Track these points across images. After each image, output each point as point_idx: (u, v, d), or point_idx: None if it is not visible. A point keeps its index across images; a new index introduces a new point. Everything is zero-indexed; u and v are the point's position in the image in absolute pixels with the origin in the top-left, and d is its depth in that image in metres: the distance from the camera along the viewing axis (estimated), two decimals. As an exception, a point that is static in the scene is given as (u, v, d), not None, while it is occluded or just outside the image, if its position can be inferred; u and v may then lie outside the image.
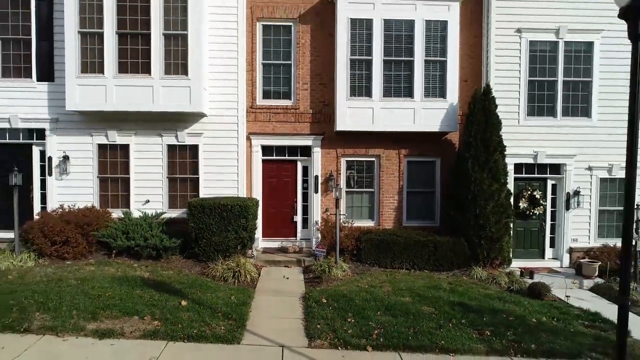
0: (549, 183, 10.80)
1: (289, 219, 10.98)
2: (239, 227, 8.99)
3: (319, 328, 6.14)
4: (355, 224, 10.45)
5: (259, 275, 8.69)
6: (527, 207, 10.54)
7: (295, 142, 10.71)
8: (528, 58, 10.43)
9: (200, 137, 10.21)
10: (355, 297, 7.36)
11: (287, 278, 8.69)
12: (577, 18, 10.24)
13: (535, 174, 10.68)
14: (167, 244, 8.96)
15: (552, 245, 10.89)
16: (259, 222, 10.45)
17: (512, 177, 10.35)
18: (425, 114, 10.20)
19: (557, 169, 10.69)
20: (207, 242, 9.00)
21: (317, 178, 10.71)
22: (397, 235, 9.78)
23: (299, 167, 10.93)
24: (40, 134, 10.06)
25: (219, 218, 8.93)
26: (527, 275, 9.59)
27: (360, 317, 6.55)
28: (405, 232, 10.10)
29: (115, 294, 6.84)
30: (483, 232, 9.44)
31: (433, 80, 10.22)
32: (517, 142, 10.36)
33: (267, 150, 10.78)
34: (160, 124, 10.08)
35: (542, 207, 10.57)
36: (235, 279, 8.13)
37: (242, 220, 8.99)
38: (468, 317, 6.78)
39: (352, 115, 10.16)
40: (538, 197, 10.52)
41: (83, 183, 10.06)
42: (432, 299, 7.49)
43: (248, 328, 6.10)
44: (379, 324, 6.31)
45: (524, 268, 9.97)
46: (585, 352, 5.85)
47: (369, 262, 9.59)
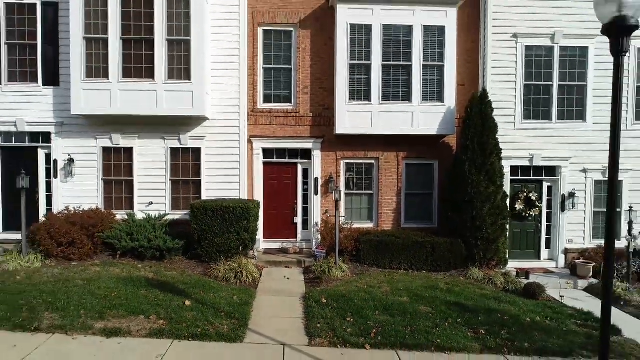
0: (545, 185, 11.01)
1: (290, 221, 11.17)
2: (241, 228, 9.18)
3: (319, 327, 6.33)
4: (355, 226, 10.64)
5: (261, 276, 8.89)
6: (523, 208, 10.74)
7: (296, 144, 10.91)
8: (524, 63, 10.62)
9: (203, 140, 10.41)
10: (355, 297, 7.55)
11: (287, 278, 8.88)
12: (572, 24, 10.43)
13: (531, 176, 10.88)
14: (170, 245, 9.16)
15: (547, 246, 11.09)
16: (260, 223, 10.64)
17: (508, 179, 10.56)
18: (423, 118, 10.40)
19: (552, 172, 10.89)
20: (209, 243, 9.19)
21: (317, 180, 10.91)
22: (395, 237, 9.97)
23: (300, 169, 11.13)
24: (46, 137, 10.27)
25: (221, 220, 9.12)
26: (522, 276, 9.78)
27: (359, 316, 6.73)
28: (404, 233, 10.29)
29: (121, 294, 7.03)
30: (480, 233, 9.63)
31: (431, 85, 10.42)
32: (513, 145, 10.56)
33: (268, 153, 10.98)
34: (164, 128, 10.28)
35: (538, 208, 10.77)
36: (237, 280, 8.32)
37: (243, 222, 9.18)
38: (464, 316, 6.97)
39: (351, 119, 10.36)
40: (534, 199, 10.72)
41: (88, 185, 10.27)
42: (429, 299, 7.68)
43: (250, 327, 6.30)
44: (377, 323, 6.49)
45: (520, 268, 10.16)
46: (577, 350, 6.04)
47: (368, 262, 9.78)
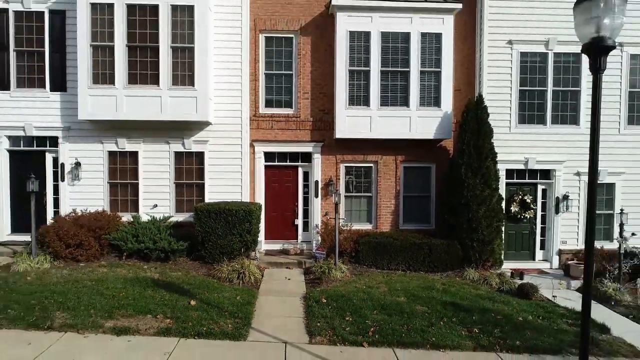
0: (539, 188, 11.27)
1: (291, 222, 11.44)
2: (243, 230, 9.46)
3: (319, 326, 6.60)
4: (354, 227, 10.90)
5: (262, 277, 9.15)
6: (518, 211, 11.00)
7: (297, 148, 11.18)
8: (519, 68, 10.89)
9: (206, 144, 10.68)
10: (353, 297, 7.81)
11: (288, 279, 9.15)
12: (565, 30, 10.67)
13: (526, 179, 11.15)
14: (175, 247, 9.43)
15: (542, 248, 11.36)
16: (262, 225, 10.90)
17: (503, 182, 10.82)
18: (421, 122, 10.67)
19: (547, 175, 11.16)
20: (213, 244, 9.46)
21: (317, 183, 11.18)
22: (393, 238, 10.23)
23: (300, 172, 11.40)
24: (53, 142, 10.55)
25: (224, 222, 9.39)
26: (517, 277, 10.04)
27: (358, 315, 7.00)
28: (402, 234, 10.54)
29: (129, 294, 7.31)
30: (475, 235, 9.90)
31: (428, 90, 10.69)
32: (508, 148, 10.82)
33: (269, 157, 11.25)
34: (168, 132, 10.55)
35: (532, 211, 11.04)
36: (240, 280, 8.57)
37: (246, 224, 9.46)
38: (459, 315, 7.23)
39: (350, 123, 10.63)
40: (529, 201, 10.98)
41: (94, 188, 10.54)
42: (425, 299, 7.94)
43: (253, 326, 6.57)
44: (375, 322, 6.76)
45: (515, 269, 10.42)
46: (566, 348, 6.30)
47: (367, 263, 10.05)
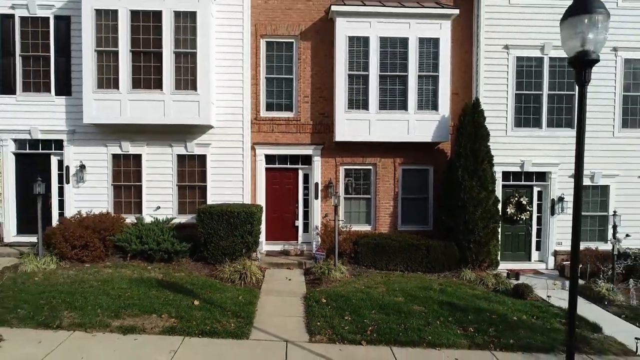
0: (535, 190, 11.49)
1: (291, 224, 11.65)
2: (245, 232, 9.66)
3: (319, 325, 6.82)
4: (353, 229, 11.11)
5: (263, 277, 9.35)
6: (514, 212, 11.20)
7: (297, 151, 11.39)
8: (515, 73, 11.10)
9: (208, 147, 10.88)
10: (353, 297, 8.02)
11: (289, 279, 9.36)
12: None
13: (522, 182, 11.37)
14: (178, 248, 9.63)
15: (538, 249, 11.57)
16: (263, 226, 11.10)
17: (500, 184, 11.04)
18: (419, 126, 10.88)
19: (542, 177, 11.38)
20: (215, 246, 9.66)
21: (317, 185, 11.39)
22: (392, 239, 10.43)
23: (300, 174, 11.61)
24: (59, 145, 10.75)
25: (227, 224, 9.60)
26: (513, 277, 10.24)
27: (357, 315, 7.22)
28: (400, 236, 10.74)
29: (134, 294, 7.52)
30: (472, 236, 10.11)
31: (426, 94, 10.89)
32: (505, 151, 11.03)
33: (270, 159, 11.46)
34: (171, 135, 10.76)
35: (528, 212, 11.24)
36: (242, 281, 8.78)
37: (247, 226, 9.66)
38: (455, 315, 7.45)
39: (350, 127, 10.84)
40: (525, 203, 11.19)
41: (98, 190, 10.74)
42: (422, 299, 8.16)
43: (255, 325, 6.79)
44: (373, 322, 6.98)
45: (511, 270, 10.62)
46: (558, 346, 6.52)
47: (366, 264, 10.26)
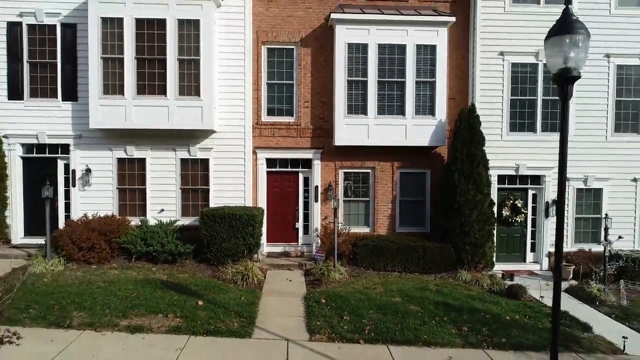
0: (530, 193, 11.76)
1: (291, 226, 11.92)
2: (247, 234, 9.93)
3: (319, 324, 7.08)
4: (352, 231, 11.38)
5: (265, 278, 9.61)
6: (509, 214, 11.48)
7: (297, 155, 11.67)
8: (510, 78, 11.38)
9: (211, 151, 11.15)
10: (351, 297, 8.29)
11: (290, 280, 9.63)
12: (554, 42, 11.15)
13: (517, 185, 11.64)
14: (182, 250, 9.90)
15: (532, 250, 11.85)
16: (264, 228, 11.35)
17: (495, 187, 11.31)
18: (416, 130, 11.15)
19: (537, 180, 11.64)
20: (217, 248, 9.93)
21: (317, 188, 11.66)
22: (390, 241, 10.70)
23: (301, 178, 11.88)
24: (65, 149, 11.03)
25: (229, 226, 9.87)
26: (507, 278, 10.50)
27: (355, 315, 7.49)
28: (398, 237, 11.02)
29: (140, 295, 7.79)
30: (468, 238, 10.38)
31: (423, 99, 11.16)
32: (500, 155, 11.31)
33: (271, 163, 11.73)
34: (174, 140, 11.02)
35: (523, 215, 11.53)
36: (244, 282, 9.03)
37: (249, 228, 9.94)
38: (450, 315, 7.72)
39: (349, 131, 11.11)
40: (519, 205, 11.47)
41: (103, 193, 11.02)
42: (419, 299, 8.42)
43: (257, 324, 7.05)
44: (371, 321, 7.25)
45: (506, 271, 10.88)
46: (548, 345, 6.76)
47: (365, 265, 10.53)
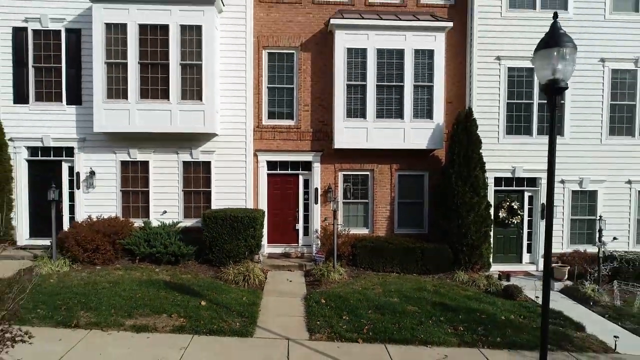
0: (526, 195, 11.96)
1: (292, 227, 12.12)
2: (248, 235, 10.13)
3: (319, 324, 7.28)
4: (351, 232, 11.57)
5: (266, 279, 9.80)
6: (506, 216, 11.68)
7: (297, 158, 11.86)
8: (507, 82, 11.58)
9: (212, 154, 11.34)
10: (350, 298, 8.48)
11: (290, 281, 9.82)
12: (550, 47, 11.35)
13: (514, 187, 11.84)
14: (184, 251, 10.10)
15: (529, 251, 12.04)
16: (265, 230, 11.55)
17: (492, 189, 11.51)
18: (414, 133, 11.34)
19: (533, 182, 11.85)
20: (219, 249, 10.13)
21: (317, 190, 11.85)
22: (388, 242, 10.90)
23: (301, 180, 12.08)
24: (69, 152, 11.22)
25: (230, 228, 10.06)
26: (504, 278, 10.68)
27: (354, 315, 7.68)
28: (396, 239, 11.21)
29: (144, 295, 7.98)
30: (465, 239, 10.58)
31: (421, 103, 11.36)
32: (496, 158, 11.50)
33: (271, 165, 11.93)
34: (177, 143, 11.22)
35: (519, 216, 11.72)
36: (245, 282, 9.22)
37: (250, 230, 10.13)
38: (446, 315, 7.91)
39: (348, 134, 11.31)
40: (516, 207, 11.67)
41: (107, 195, 11.21)
42: (417, 300, 8.62)
43: (259, 324, 7.24)
44: (370, 321, 7.44)
45: (502, 271, 11.07)
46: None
47: (364, 266, 10.72)
